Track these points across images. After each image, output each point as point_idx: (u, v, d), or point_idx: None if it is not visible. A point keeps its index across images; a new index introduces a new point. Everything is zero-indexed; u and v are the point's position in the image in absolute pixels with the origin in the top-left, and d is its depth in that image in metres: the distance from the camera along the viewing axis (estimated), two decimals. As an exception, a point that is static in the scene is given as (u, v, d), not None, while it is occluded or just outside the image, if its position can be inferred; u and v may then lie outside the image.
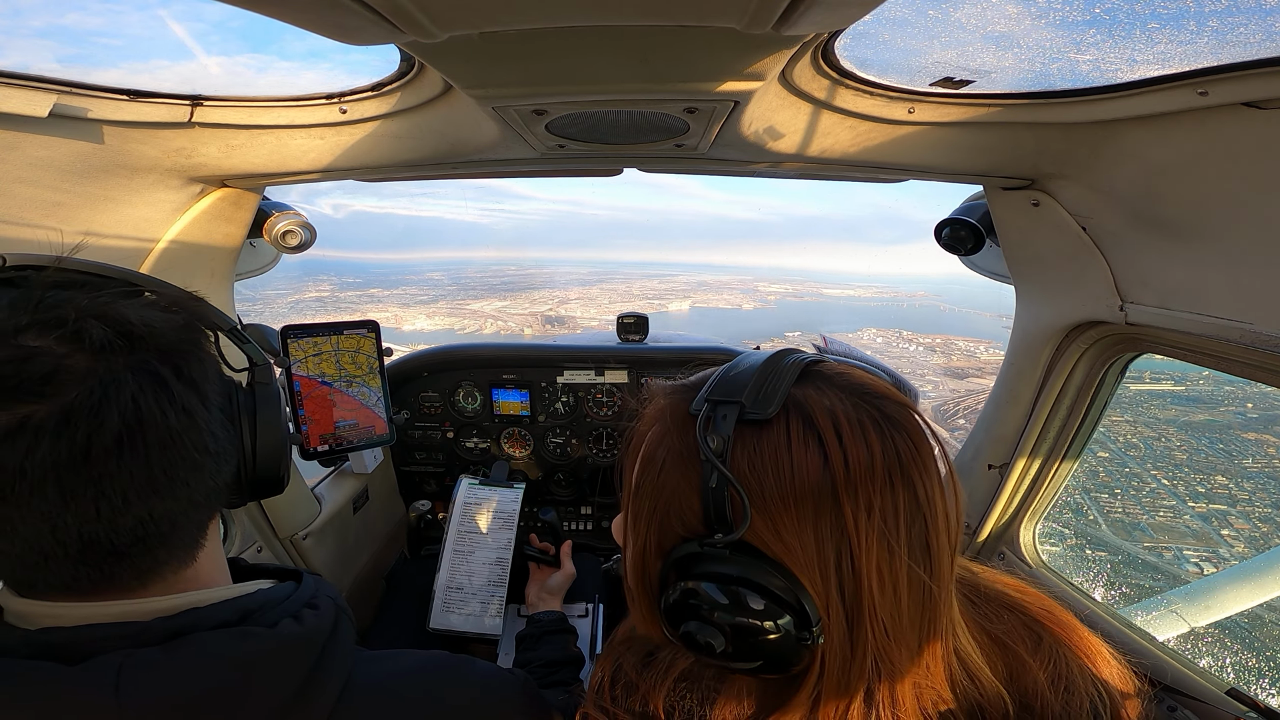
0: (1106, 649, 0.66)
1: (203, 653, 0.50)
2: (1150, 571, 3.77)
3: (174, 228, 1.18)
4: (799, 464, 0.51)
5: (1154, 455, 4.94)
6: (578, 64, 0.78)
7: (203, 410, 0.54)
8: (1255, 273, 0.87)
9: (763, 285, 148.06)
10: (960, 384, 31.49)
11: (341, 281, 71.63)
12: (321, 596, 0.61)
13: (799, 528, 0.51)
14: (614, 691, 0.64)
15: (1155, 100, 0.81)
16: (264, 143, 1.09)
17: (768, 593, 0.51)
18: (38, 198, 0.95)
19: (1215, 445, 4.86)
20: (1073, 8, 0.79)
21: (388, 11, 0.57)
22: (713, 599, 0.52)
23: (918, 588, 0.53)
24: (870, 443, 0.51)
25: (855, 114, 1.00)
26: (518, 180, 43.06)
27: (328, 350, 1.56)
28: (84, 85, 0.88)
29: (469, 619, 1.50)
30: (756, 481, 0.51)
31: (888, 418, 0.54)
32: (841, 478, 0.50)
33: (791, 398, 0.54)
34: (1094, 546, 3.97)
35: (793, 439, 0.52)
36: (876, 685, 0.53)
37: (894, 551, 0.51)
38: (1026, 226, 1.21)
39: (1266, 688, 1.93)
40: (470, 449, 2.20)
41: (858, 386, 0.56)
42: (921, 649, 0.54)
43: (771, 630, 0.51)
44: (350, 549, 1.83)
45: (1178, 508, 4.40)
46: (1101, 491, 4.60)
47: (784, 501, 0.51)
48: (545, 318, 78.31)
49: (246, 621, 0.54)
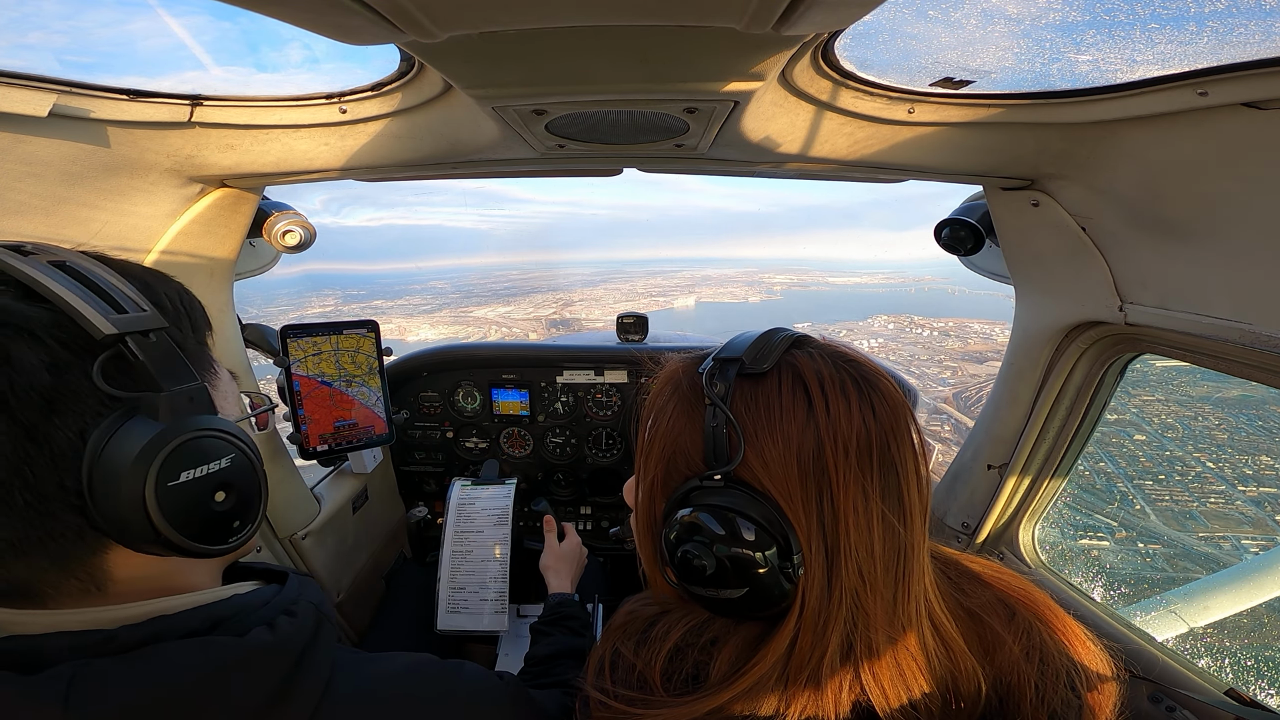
0: (1083, 630, 0.69)
1: (161, 664, 0.48)
2: (1210, 564, 3.54)
3: (173, 227, 1.18)
4: (786, 408, 0.58)
5: (1194, 436, 4.63)
6: (577, 64, 0.78)
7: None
8: (1255, 273, 0.87)
9: (767, 277, 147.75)
10: (980, 368, 31.03)
11: (346, 294, 70.56)
12: (302, 602, 0.59)
13: (785, 462, 0.57)
14: (614, 674, 0.66)
15: (1155, 100, 0.81)
16: (264, 143, 1.09)
17: (754, 521, 0.57)
18: (37, 197, 0.95)
19: (1255, 423, 4.52)
20: (1073, 8, 0.79)
21: (388, 11, 0.57)
22: (706, 526, 0.58)
23: (892, 535, 0.58)
24: (849, 396, 0.59)
25: (855, 114, 1.00)
26: (515, 183, 42.29)
27: (327, 350, 1.56)
28: (84, 85, 0.88)
29: (474, 617, 1.51)
30: (750, 420, 0.59)
31: (865, 379, 0.61)
32: (824, 423, 0.57)
33: (784, 359, 0.62)
34: (1146, 539, 3.73)
35: (783, 390, 0.60)
36: (854, 635, 0.58)
37: (868, 495, 0.57)
38: (1026, 227, 1.21)
39: (1265, 688, 1.93)
40: (470, 449, 2.20)
41: (840, 354, 0.64)
42: (895, 602, 0.59)
43: (758, 557, 0.57)
44: (350, 549, 1.83)
45: (1228, 492, 4.10)
46: (1145, 478, 4.33)
47: (772, 437, 0.58)
48: (550, 321, 77.94)
49: (217, 630, 0.52)
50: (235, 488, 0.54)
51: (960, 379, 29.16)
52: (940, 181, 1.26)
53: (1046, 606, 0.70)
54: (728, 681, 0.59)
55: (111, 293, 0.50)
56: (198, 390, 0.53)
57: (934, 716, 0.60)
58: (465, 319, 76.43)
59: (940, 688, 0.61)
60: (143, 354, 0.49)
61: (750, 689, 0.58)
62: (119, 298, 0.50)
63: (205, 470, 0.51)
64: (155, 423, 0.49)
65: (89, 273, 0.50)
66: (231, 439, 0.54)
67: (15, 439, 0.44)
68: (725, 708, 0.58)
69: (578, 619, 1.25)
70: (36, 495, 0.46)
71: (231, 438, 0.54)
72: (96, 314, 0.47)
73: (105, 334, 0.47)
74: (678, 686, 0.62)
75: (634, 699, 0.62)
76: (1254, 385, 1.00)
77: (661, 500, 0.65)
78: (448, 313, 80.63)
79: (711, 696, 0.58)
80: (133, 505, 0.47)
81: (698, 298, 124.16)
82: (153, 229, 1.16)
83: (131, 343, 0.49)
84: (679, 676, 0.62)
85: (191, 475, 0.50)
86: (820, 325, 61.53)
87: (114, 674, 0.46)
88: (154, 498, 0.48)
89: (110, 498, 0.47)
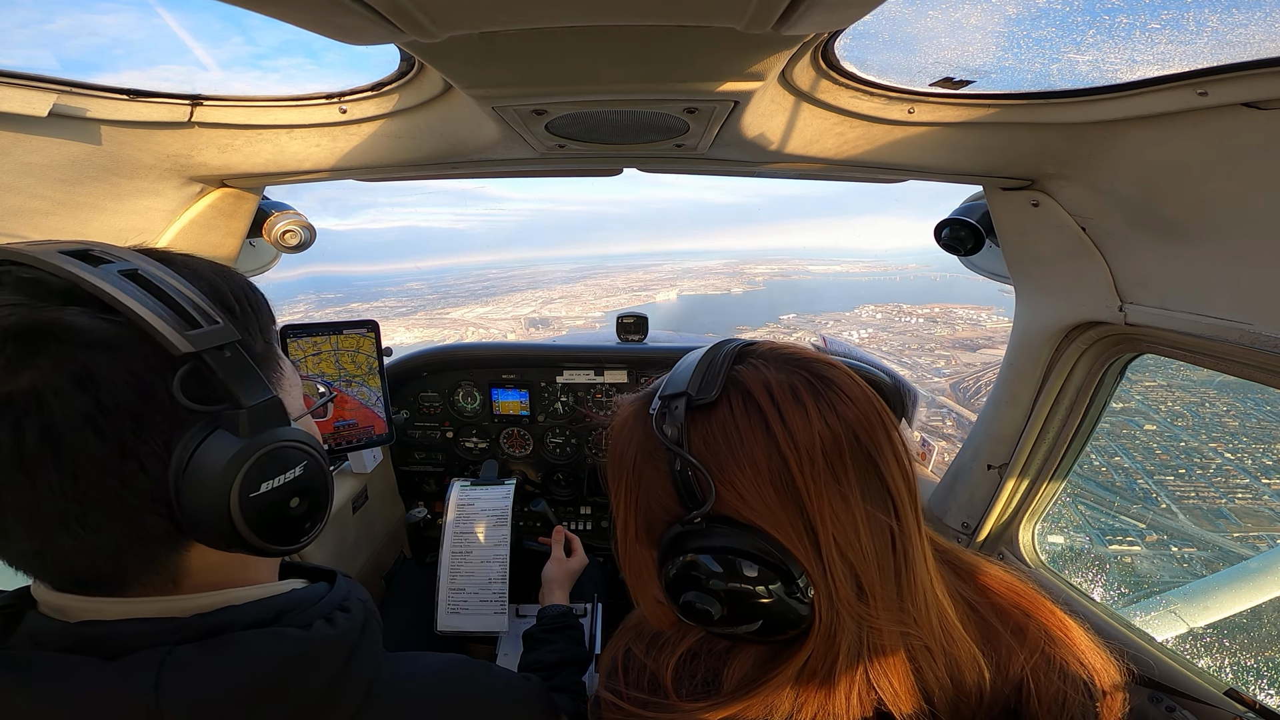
0: (1089, 636, 0.67)
1: (241, 651, 0.50)
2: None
3: (173, 228, 1.18)
4: (744, 432, 0.56)
5: (1205, 424, 4.40)
6: (577, 64, 0.78)
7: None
8: (1255, 273, 0.87)
9: (749, 268, 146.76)
10: (974, 356, 30.70)
11: (320, 299, 68.73)
12: (353, 599, 0.62)
13: (759, 490, 0.55)
14: (627, 676, 0.66)
15: (1155, 100, 0.81)
16: (264, 143, 1.09)
17: (749, 556, 0.54)
18: (37, 197, 0.95)
19: (1263, 408, 4.28)
20: (1073, 8, 0.79)
21: (388, 11, 0.56)
22: (701, 571, 0.56)
23: (881, 531, 0.56)
24: (804, 402, 0.56)
25: (855, 114, 1.00)
26: (491, 180, 41.13)
27: (327, 350, 1.56)
28: (84, 85, 0.88)
29: (474, 618, 1.51)
30: (712, 457, 0.56)
31: (818, 377, 0.59)
32: (783, 438, 0.55)
33: (730, 378, 0.59)
34: (1179, 541, 3.46)
35: (736, 413, 0.57)
36: (862, 637, 0.56)
37: (848, 499, 0.55)
38: (1026, 227, 1.21)
39: (1265, 688, 1.93)
40: (470, 449, 2.20)
41: (786, 357, 0.62)
42: (900, 595, 0.57)
43: (761, 590, 0.54)
44: (349, 549, 1.83)
45: (1253, 486, 3.84)
46: (1166, 473, 4.06)
47: (740, 469, 0.55)
48: (529, 320, 77.04)
49: (280, 621, 0.55)
50: (308, 492, 0.57)
51: (955, 368, 28.88)
52: (940, 181, 1.26)
53: (1052, 613, 0.68)
54: (742, 691, 0.58)
55: (184, 304, 0.50)
56: (273, 404, 0.54)
57: (947, 709, 0.59)
58: (441, 321, 74.91)
59: (950, 674, 0.60)
60: (219, 370, 0.50)
61: (765, 698, 0.57)
62: (191, 309, 0.50)
63: (282, 480, 0.54)
64: (236, 438, 0.50)
65: (160, 281, 0.51)
66: (304, 448, 0.56)
67: (108, 455, 0.46)
68: (738, 716, 0.57)
69: (577, 629, 1.28)
70: (130, 505, 0.48)
71: (305, 447, 0.56)
72: (173, 331, 0.48)
73: (183, 351, 0.48)
74: (691, 692, 0.61)
75: (646, 701, 0.62)
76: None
77: (647, 547, 0.63)
78: (423, 315, 79.09)
79: (725, 705, 0.58)
80: (219, 515, 0.49)
81: (680, 291, 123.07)
82: (153, 229, 1.16)
83: (208, 358, 0.50)
84: (692, 681, 0.62)
85: (271, 485, 0.53)
86: (807, 315, 60.97)
87: (197, 660, 0.48)
88: (238, 508, 0.50)
89: (198, 507, 0.49)
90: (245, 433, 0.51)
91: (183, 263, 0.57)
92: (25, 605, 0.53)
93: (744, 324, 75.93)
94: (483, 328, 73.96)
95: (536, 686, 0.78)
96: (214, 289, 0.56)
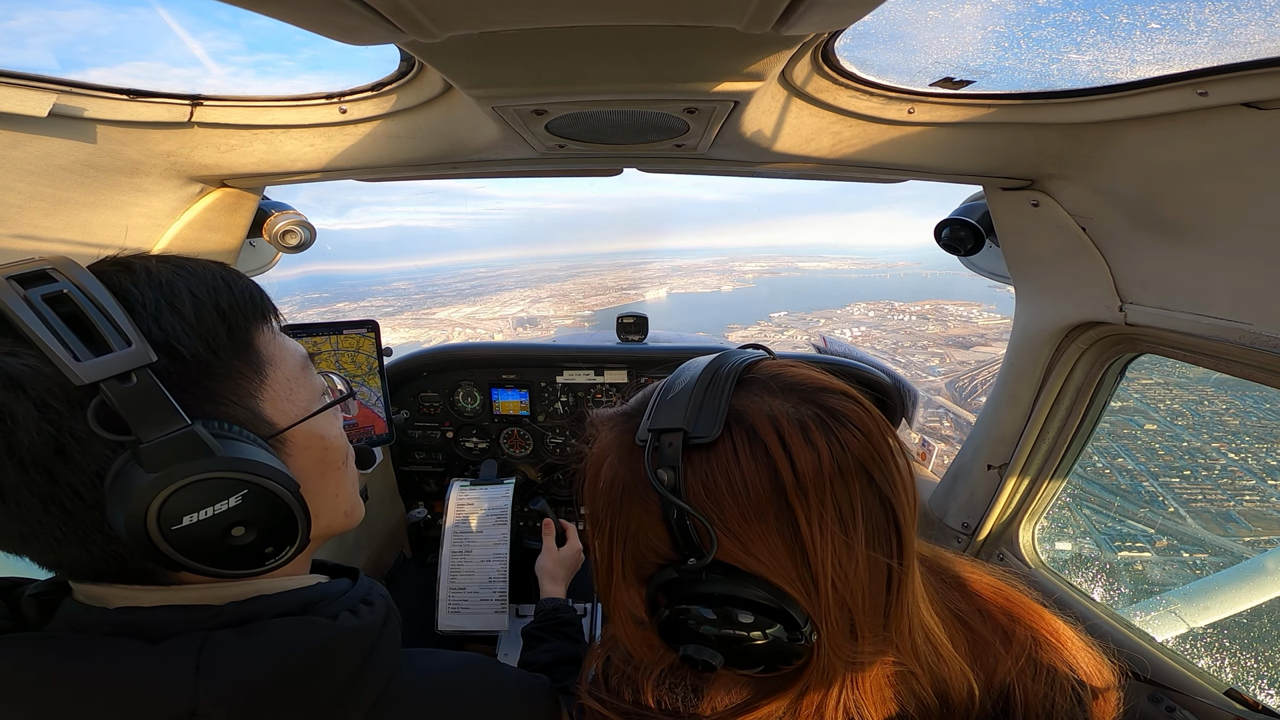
0: (1080, 638, 0.67)
1: (275, 637, 0.52)
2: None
3: (173, 228, 1.18)
4: (750, 479, 0.50)
5: (1205, 424, 4.27)
6: (577, 64, 0.78)
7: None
8: (1255, 273, 0.87)
9: (738, 265, 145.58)
10: (968, 354, 30.46)
11: (305, 299, 67.01)
12: (375, 594, 0.64)
13: (765, 541, 0.51)
14: (608, 683, 0.66)
15: (1155, 100, 0.81)
16: (263, 143, 1.09)
17: (751, 606, 0.51)
18: (37, 197, 0.95)
19: (1262, 406, 4.13)
20: (1073, 8, 0.79)
21: (388, 11, 0.56)
22: (700, 621, 0.52)
23: (879, 571, 0.53)
24: (815, 443, 0.51)
25: (855, 114, 1.00)
26: (479, 180, 40.04)
27: (327, 350, 1.56)
28: (83, 85, 0.88)
29: (475, 617, 1.51)
30: (715, 505, 0.51)
31: (830, 412, 0.53)
32: (791, 483, 0.50)
33: (732, 411, 0.53)
34: (1190, 547, 3.36)
35: (740, 455, 0.51)
36: (848, 669, 0.55)
37: (851, 545, 0.51)
38: (1026, 227, 1.21)
39: (1265, 688, 1.93)
40: (470, 449, 2.20)
41: (795, 385, 0.56)
42: (887, 625, 0.55)
43: (761, 638, 0.52)
44: (349, 549, 1.83)
45: (1260, 488, 3.69)
46: (1171, 475, 3.93)
47: (745, 519, 0.51)
48: (516, 320, 75.96)
49: (307, 612, 0.56)
50: (253, 523, 0.51)
51: (949, 366, 28.67)
52: (940, 181, 1.26)
53: (1040, 617, 0.67)
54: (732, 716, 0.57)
55: (99, 327, 0.46)
56: (183, 437, 0.47)
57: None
58: (427, 321, 73.07)
59: (937, 692, 0.60)
60: (118, 401, 0.45)
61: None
62: (107, 332, 0.46)
63: (211, 512, 0.49)
64: (145, 473, 0.46)
65: (87, 303, 0.47)
66: (243, 478, 0.50)
67: (44, 486, 0.46)
68: None
69: (573, 625, 1.26)
70: (84, 533, 0.48)
71: (243, 477, 0.49)
72: (69, 360, 0.44)
73: (81, 383, 0.44)
74: (672, 703, 0.61)
75: (628, 712, 0.61)
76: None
77: (635, 585, 0.59)
78: (409, 315, 77.48)
79: None
80: (146, 547, 0.47)
81: (669, 289, 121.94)
82: (153, 229, 1.16)
83: (106, 389, 0.45)
84: (674, 692, 0.61)
85: (194, 519, 0.48)
86: (799, 313, 60.52)
87: (235, 644, 0.50)
88: (163, 541, 0.47)
89: (129, 538, 0.46)
90: (153, 467, 0.46)
91: (148, 270, 0.52)
92: (61, 593, 0.54)
93: (735, 322, 75.50)
94: (470, 328, 72.68)
95: (547, 686, 0.79)
96: (162, 303, 0.51)
